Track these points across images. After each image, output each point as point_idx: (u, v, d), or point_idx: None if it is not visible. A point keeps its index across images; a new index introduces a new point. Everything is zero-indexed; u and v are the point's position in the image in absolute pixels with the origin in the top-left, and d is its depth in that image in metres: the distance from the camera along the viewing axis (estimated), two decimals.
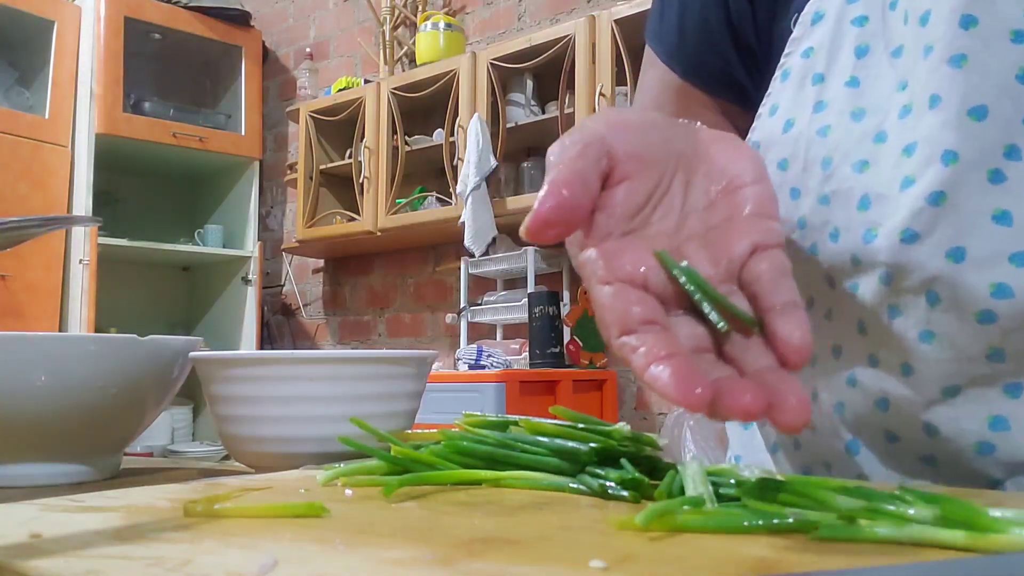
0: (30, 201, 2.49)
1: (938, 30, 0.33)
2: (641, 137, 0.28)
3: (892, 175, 0.34)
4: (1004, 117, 0.32)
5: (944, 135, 0.32)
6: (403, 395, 0.43)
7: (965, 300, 0.32)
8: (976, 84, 0.32)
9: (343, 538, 0.22)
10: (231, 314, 2.94)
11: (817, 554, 0.20)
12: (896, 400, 0.35)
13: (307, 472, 0.35)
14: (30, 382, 0.41)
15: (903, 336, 0.34)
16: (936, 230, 0.32)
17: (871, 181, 0.34)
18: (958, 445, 0.34)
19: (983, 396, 0.33)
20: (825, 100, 0.37)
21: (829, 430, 0.38)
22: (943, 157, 0.32)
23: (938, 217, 0.32)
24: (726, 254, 0.26)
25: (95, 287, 2.58)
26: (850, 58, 0.36)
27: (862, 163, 0.35)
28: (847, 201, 0.35)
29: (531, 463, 0.30)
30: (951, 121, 0.32)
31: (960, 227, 0.32)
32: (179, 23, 2.81)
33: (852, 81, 0.36)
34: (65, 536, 0.22)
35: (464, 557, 0.19)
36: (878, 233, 0.33)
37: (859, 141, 0.35)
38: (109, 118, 2.63)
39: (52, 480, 0.44)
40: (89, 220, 0.48)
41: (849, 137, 0.35)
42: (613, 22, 1.95)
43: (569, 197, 0.24)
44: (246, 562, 0.19)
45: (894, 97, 0.35)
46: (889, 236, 0.33)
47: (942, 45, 0.33)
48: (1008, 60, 0.32)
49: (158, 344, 0.45)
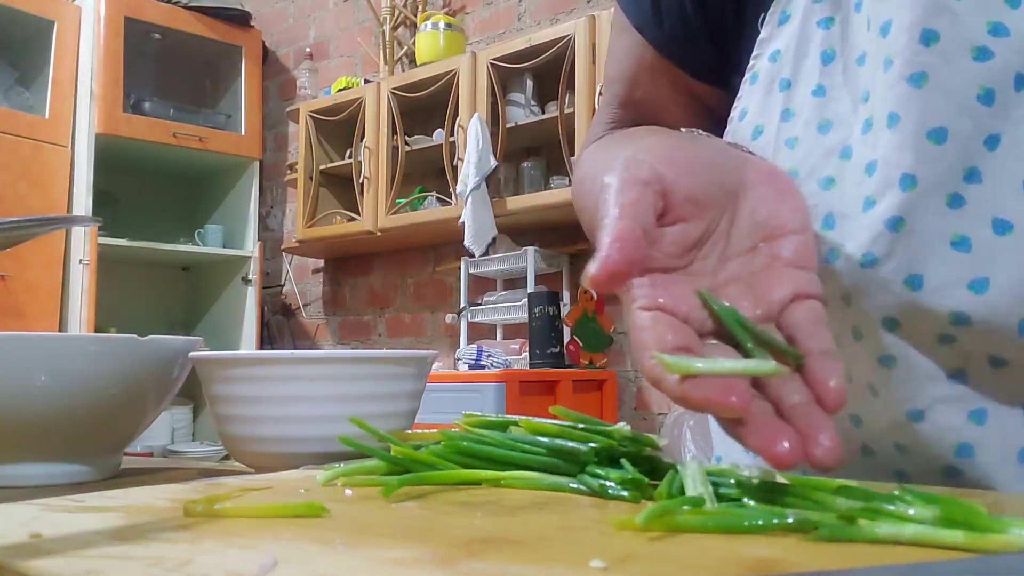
0: (30, 201, 2.49)
1: (898, 43, 0.32)
2: (698, 179, 0.27)
3: (855, 194, 0.33)
4: (964, 139, 0.31)
5: (902, 157, 0.31)
6: (403, 395, 0.43)
7: (924, 326, 0.32)
8: (936, 104, 0.31)
9: (343, 538, 0.22)
10: (231, 314, 2.94)
11: (817, 554, 0.20)
12: (867, 419, 0.35)
13: (307, 472, 0.35)
14: (30, 382, 0.41)
15: (866, 357, 0.34)
16: (894, 256, 0.32)
17: (835, 200, 0.33)
18: (929, 467, 0.33)
19: (948, 422, 0.32)
20: (792, 108, 0.36)
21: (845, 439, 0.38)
22: (901, 181, 0.31)
23: (896, 242, 0.32)
24: (766, 299, 0.26)
25: (95, 287, 2.58)
26: (816, 64, 0.35)
27: (828, 180, 0.34)
28: (812, 218, 0.33)
29: (531, 463, 0.30)
30: (909, 143, 0.31)
31: (918, 253, 0.31)
32: (179, 23, 2.81)
33: (818, 90, 0.35)
34: (65, 536, 0.22)
35: (464, 557, 0.19)
36: (840, 255, 0.33)
37: (826, 156, 0.34)
38: (109, 118, 2.63)
39: (52, 480, 0.44)
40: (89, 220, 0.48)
41: (816, 151, 0.35)
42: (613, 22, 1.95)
43: (633, 250, 0.24)
44: (246, 562, 0.19)
45: (858, 109, 0.34)
46: (849, 259, 0.33)
47: (901, 60, 0.32)
48: (968, 78, 0.31)
49: (158, 344, 0.45)
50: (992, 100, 0.31)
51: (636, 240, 0.24)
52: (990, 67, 0.31)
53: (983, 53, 0.31)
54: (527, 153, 2.29)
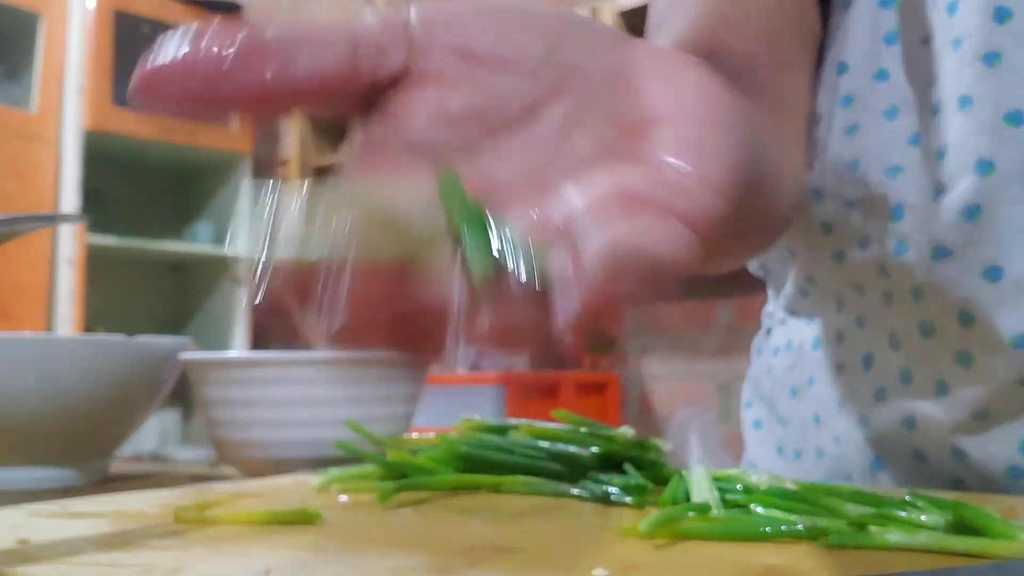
0: (16, 198, 2.46)
1: (968, 22, 0.30)
2: (493, 32, 0.18)
3: (925, 182, 0.31)
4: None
5: (978, 141, 0.29)
6: (400, 398, 0.42)
7: (1001, 323, 0.30)
8: (1012, 85, 0.29)
9: (337, 546, 0.22)
10: (222, 314, 2.93)
11: (827, 562, 0.20)
12: (924, 420, 0.33)
13: (301, 478, 0.35)
14: (16, 384, 0.40)
15: (937, 356, 0.32)
16: (970, 247, 0.30)
17: (903, 188, 0.31)
18: (988, 469, 0.32)
19: (1014, 420, 0.31)
20: (853, 93, 0.33)
21: (853, 443, 0.36)
22: (977, 166, 0.29)
23: (972, 232, 0.30)
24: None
25: (83, 286, 2.56)
26: (880, 46, 0.33)
27: (895, 168, 0.32)
28: (879, 209, 0.32)
29: (532, 468, 0.30)
30: (985, 126, 0.29)
31: (997, 244, 0.29)
32: (170, 16, 2.79)
33: (881, 73, 0.32)
34: (52, 543, 0.22)
35: (462, 566, 0.19)
36: (909, 246, 0.31)
37: (892, 143, 0.32)
38: (98, 113, 2.61)
39: (39, 485, 0.43)
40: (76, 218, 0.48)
41: (882, 138, 0.32)
42: (619, 14, 1.94)
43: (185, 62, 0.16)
44: (237, 570, 0.19)
45: (926, 93, 0.31)
46: (920, 251, 0.31)
47: (973, 40, 0.30)
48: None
49: (147, 345, 0.45)
50: None
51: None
52: None
53: None
54: None
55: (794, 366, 0.40)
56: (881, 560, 0.20)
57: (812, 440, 0.38)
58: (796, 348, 0.40)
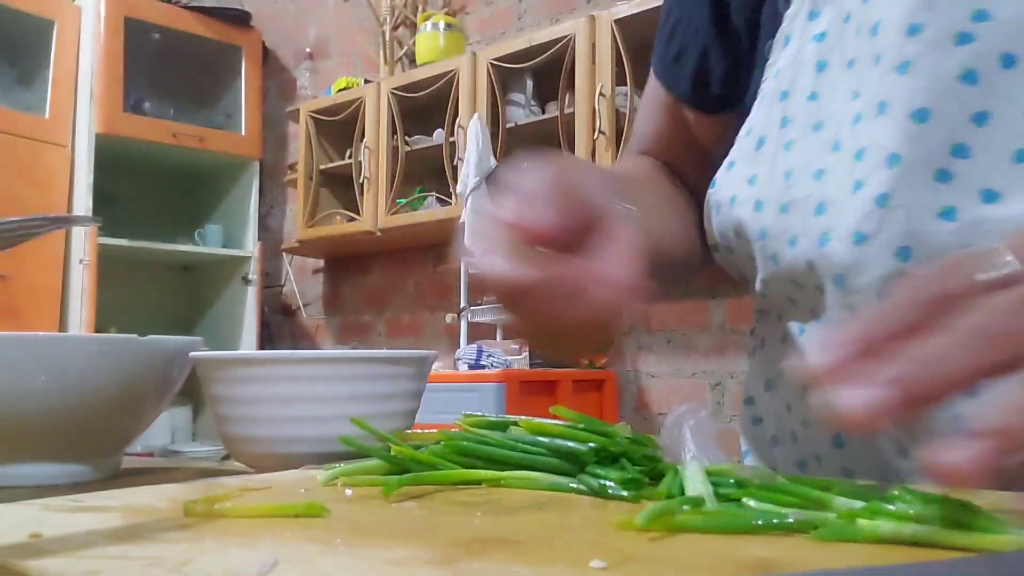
0: (30, 201, 2.48)
1: (887, 39, 0.34)
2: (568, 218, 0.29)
3: (844, 180, 0.35)
4: (949, 117, 0.33)
5: (889, 139, 0.33)
6: (403, 395, 0.43)
7: None
8: (920, 87, 0.33)
9: (343, 538, 0.22)
10: (231, 314, 2.94)
11: (817, 554, 0.20)
12: None
13: (307, 472, 0.35)
14: (30, 382, 0.41)
15: None
16: (883, 230, 0.33)
17: (826, 188, 0.36)
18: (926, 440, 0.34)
19: None
20: (789, 115, 0.39)
21: (816, 425, 0.40)
22: (888, 160, 0.33)
23: (884, 218, 0.33)
24: None
25: (95, 287, 2.58)
26: (811, 73, 0.38)
27: (819, 172, 0.36)
28: (805, 208, 0.36)
29: (531, 463, 0.30)
30: (895, 125, 0.33)
31: (906, 226, 0.33)
32: (179, 23, 2.81)
33: (812, 95, 0.38)
34: (65, 536, 0.22)
35: (464, 557, 0.19)
36: (831, 237, 0.35)
37: (818, 151, 0.37)
38: (109, 118, 2.63)
39: (52, 480, 0.44)
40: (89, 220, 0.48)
41: (810, 148, 0.37)
42: (613, 22, 1.95)
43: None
44: (246, 562, 0.19)
45: (849, 106, 0.36)
46: (841, 240, 0.34)
47: (890, 53, 0.34)
48: (952, 62, 0.33)
49: (158, 344, 0.45)
50: (975, 80, 0.32)
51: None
52: (972, 50, 0.32)
53: (965, 38, 0.33)
54: None
55: (767, 360, 0.43)
56: (870, 553, 0.20)
57: (786, 426, 0.41)
58: (768, 344, 0.43)
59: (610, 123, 1.93)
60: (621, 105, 1.96)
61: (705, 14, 0.47)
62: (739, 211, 0.40)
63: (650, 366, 2.14)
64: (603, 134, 1.93)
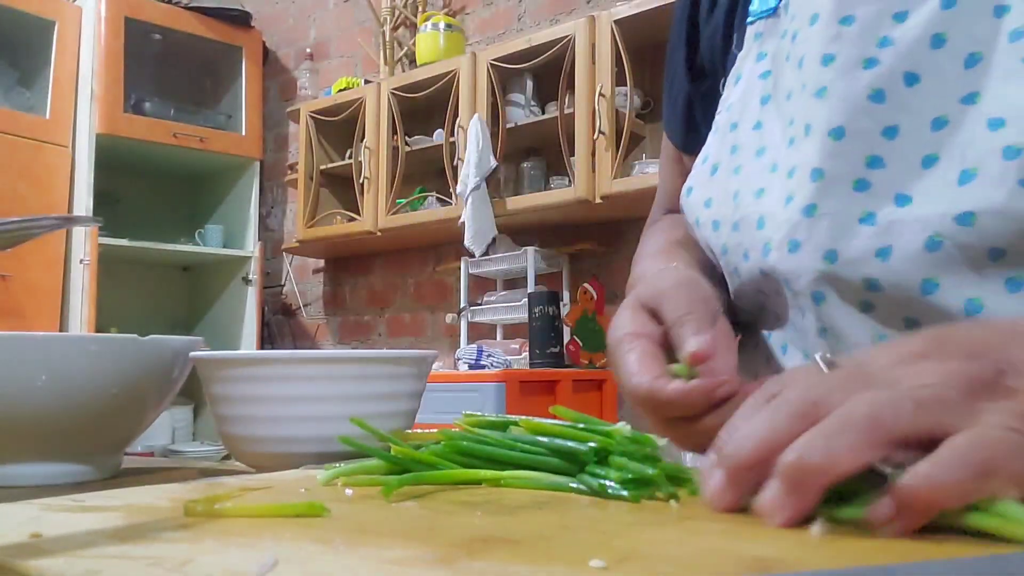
0: (30, 201, 2.49)
1: (808, 70, 0.40)
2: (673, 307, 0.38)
3: (779, 196, 0.40)
4: (863, 133, 0.37)
5: (813, 156, 0.38)
6: (403, 395, 0.43)
7: (845, 296, 0.37)
8: (835, 109, 0.38)
9: (343, 538, 0.22)
10: (231, 314, 2.94)
11: (817, 554, 0.20)
12: None
13: (307, 472, 0.35)
14: (31, 382, 0.41)
15: (807, 332, 0.40)
16: (812, 237, 0.38)
17: (764, 205, 0.41)
18: None
19: None
20: (738, 144, 0.44)
21: None
22: (812, 175, 0.38)
23: (812, 226, 0.38)
24: None
25: (95, 287, 2.58)
26: (756, 106, 0.44)
27: (760, 190, 0.41)
28: (750, 224, 0.41)
29: (531, 463, 0.30)
30: (818, 144, 0.38)
31: (831, 232, 0.37)
32: (179, 23, 2.81)
33: (757, 125, 0.43)
34: (65, 536, 0.22)
35: (464, 557, 0.19)
36: (772, 247, 0.40)
37: (760, 173, 0.42)
38: (110, 118, 2.63)
39: (52, 480, 0.44)
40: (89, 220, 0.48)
41: (754, 171, 0.42)
42: (613, 22, 1.95)
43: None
44: (246, 562, 0.19)
45: (785, 132, 0.41)
46: (779, 248, 0.39)
47: (811, 81, 0.39)
48: (861, 84, 0.37)
49: (158, 344, 0.45)
50: (883, 98, 0.37)
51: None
52: (878, 72, 0.37)
53: (871, 62, 0.37)
54: (527, 153, 2.29)
55: (749, 359, 0.47)
56: (870, 552, 0.20)
57: None
58: (746, 350, 0.48)
59: (610, 123, 1.93)
60: (621, 105, 1.96)
61: (683, 65, 0.53)
62: (703, 232, 0.45)
63: None
64: (603, 134, 1.93)
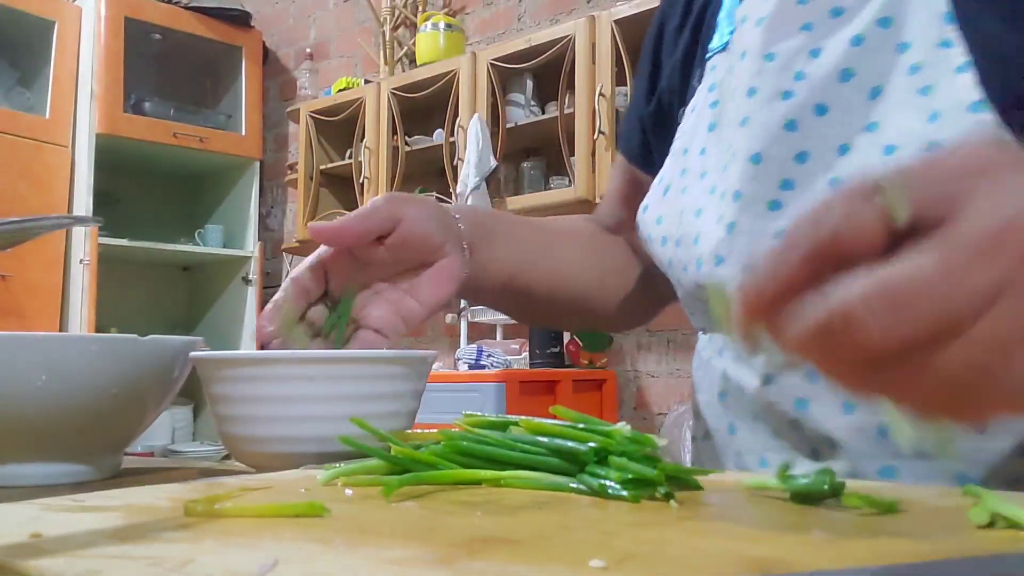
0: (30, 201, 2.49)
1: (738, 101, 0.44)
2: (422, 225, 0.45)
3: (712, 216, 0.44)
4: (777, 159, 0.41)
5: (736, 179, 0.43)
6: (403, 395, 0.43)
7: None
8: (755, 136, 0.42)
9: (343, 538, 0.22)
10: (231, 314, 2.94)
11: (817, 554, 0.20)
12: (747, 387, 0.44)
13: (307, 472, 0.35)
14: (30, 382, 0.41)
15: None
16: (733, 252, 0.42)
17: (701, 224, 0.45)
18: (786, 418, 0.42)
19: (791, 382, 0.41)
20: (687, 167, 0.48)
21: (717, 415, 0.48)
22: (734, 196, 0.43)
23: (732, 242, 0.42)
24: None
25: (95, 287, 2.58)
26: (705, 133, 0.47)
27: (698, 210, 0.46)
28: (689, 241, 0.45)
29: (531, 463, 0.30)
30: (740, 168, 0.43)
31: (748, 248, 0.42)
32: (179, 23, 2.81)
33: (703, 150, 0.47)
34: (65, 536, 0.22)
35: (464, 557, 0.19)
36: (703, 261, 0.44)
37: (701, 195, 0.46)
38: (109, 118, 2.63)
39: (52, 480, 0.44)
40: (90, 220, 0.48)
41: (698, 192, 0.46)
42: (613, 22, 1.95)
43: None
44: (246, 562, 0.19)
45: (723, 157, 0.45)
46: (708, 262, 0.44)
47: (739, 112, 0.44)
48: (777, 114, 0.42)
49: (158, 344, 0.45)
50: (795, 127, 0.41)
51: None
52: (792, 104, 0.41)
53: (787, 95, 0.42)
54: (527, 153, 2.29)
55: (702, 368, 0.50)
56: (870, 553, 0.20)
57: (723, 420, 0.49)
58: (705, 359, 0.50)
59: (610, 123, 1.93)
60: (621, 105, 1.96)
61: (644, 89, 0.58)
62: (653, 247, 0.49)
63: (650, 366, 2.14)
64: (603, 134, 1.93)
